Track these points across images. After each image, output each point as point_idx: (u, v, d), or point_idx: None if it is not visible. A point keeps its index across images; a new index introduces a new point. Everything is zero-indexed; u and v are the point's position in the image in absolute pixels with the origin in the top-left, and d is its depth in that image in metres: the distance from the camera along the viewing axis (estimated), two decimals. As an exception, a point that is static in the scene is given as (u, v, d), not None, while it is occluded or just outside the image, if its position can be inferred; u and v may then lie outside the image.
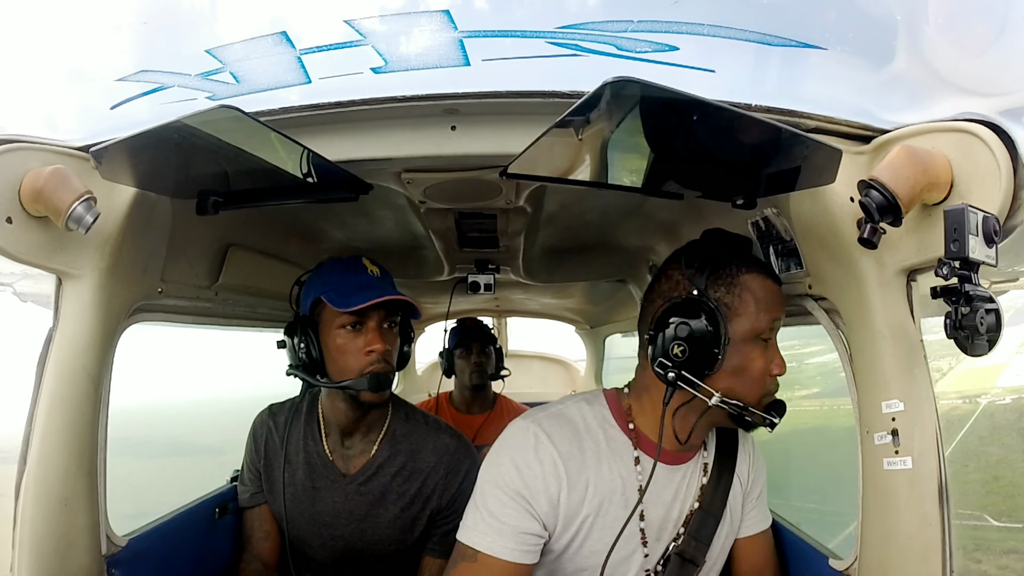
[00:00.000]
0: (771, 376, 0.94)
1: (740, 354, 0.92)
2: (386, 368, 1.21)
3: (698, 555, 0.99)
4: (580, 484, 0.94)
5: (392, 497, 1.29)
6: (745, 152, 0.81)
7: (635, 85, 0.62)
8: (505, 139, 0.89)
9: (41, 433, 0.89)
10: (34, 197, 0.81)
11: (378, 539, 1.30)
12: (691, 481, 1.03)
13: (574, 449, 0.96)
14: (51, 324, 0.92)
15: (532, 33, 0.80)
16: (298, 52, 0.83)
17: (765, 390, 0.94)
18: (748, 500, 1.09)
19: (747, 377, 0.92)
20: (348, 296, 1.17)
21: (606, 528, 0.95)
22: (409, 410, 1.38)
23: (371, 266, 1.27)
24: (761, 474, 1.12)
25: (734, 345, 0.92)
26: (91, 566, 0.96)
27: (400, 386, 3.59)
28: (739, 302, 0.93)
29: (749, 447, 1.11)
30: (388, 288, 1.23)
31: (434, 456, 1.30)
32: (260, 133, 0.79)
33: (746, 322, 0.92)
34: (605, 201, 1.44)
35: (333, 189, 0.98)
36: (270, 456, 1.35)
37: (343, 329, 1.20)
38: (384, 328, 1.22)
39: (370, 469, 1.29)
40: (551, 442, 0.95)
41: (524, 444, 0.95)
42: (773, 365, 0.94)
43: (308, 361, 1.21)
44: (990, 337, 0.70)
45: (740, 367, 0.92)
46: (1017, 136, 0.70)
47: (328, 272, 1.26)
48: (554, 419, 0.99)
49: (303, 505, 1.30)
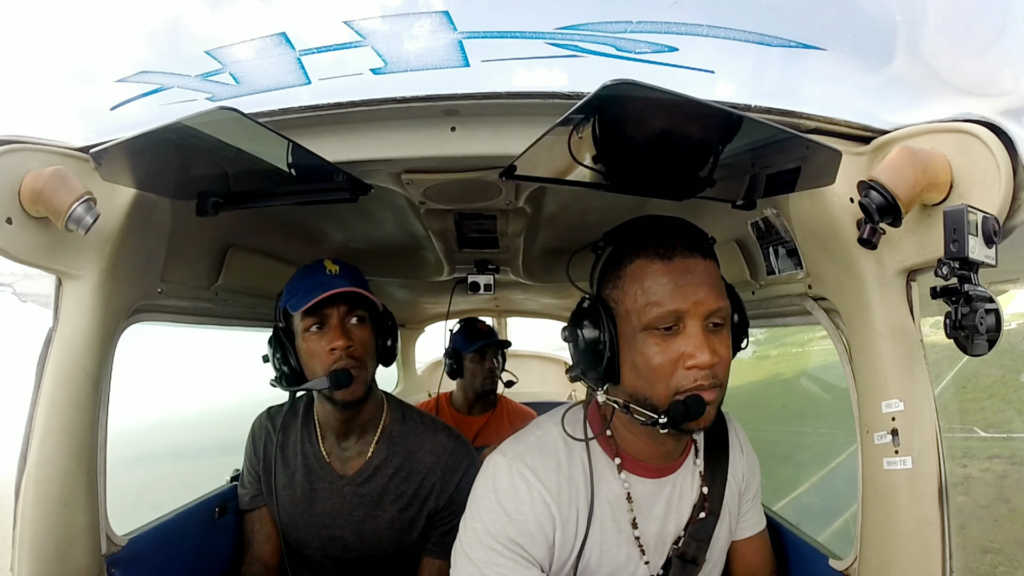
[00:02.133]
0: (686, 368, 0.83)
1: (633, 350, 0.86)
2: (350, 364, 1.18)
3: (699, 555, 0.98)
4: (572, 518, 0.91)
5: (390, 498, 1.29)
6: (745, 153, 0.81)
7: (635, 87, 0.62)
8: (505, 140, 0.89)
9: (41, 433, 0.89)
10: (34, 198, 0.81)
11: (377, 540, 1.30)
12: (683, 491, 0.99)
13: (562, 481, 0.91)
14: (51, 324, 0.92)
15: (531, 34, 0.80)
16: (298, 53, 0.83)
17: (675, 385, 0.83)
18: (744, 501, 1.07)
19: (646, 373, 0.85)
20: (304, 297, 1.18)
21: (604, 555, 0.94)
22: (406, 410, 1.38)
23: (331, 266, 1.25)
24: (755, 473, 1.10)
25: (626, 341, 0.87)
26: (91, 566, 0.96)
27: (400, 386, 3.59)
28: (623, 295, 0.87)
29: (740, 443, 1.08)
30: (339, 281, 1.20)
31: (431, 456, 1.30)
32: (260, 134, 0.79)
33: (632, 316, 0.85)
34: (605, 202, 1.44)
35: (333, 190, 0.98)
36: (269, 459, 1.35)
37: (308, 332, 1.19)
38: (350, 324, 1.21)
39: (367, 470, 1.29)
40: (538, 479, 0.90)
41: (510, 485, 0.90)
42: (684, 358, 0.83)
43: (287, 370, 1.23)
44: (990, 337, 0.70)
45: (636, 364, 0.86)
46: (1016, 136, 0.70)
47: (292, 281, 1.25)
48: (537, 451, 0.94)
49: (302, 507, 1.31)
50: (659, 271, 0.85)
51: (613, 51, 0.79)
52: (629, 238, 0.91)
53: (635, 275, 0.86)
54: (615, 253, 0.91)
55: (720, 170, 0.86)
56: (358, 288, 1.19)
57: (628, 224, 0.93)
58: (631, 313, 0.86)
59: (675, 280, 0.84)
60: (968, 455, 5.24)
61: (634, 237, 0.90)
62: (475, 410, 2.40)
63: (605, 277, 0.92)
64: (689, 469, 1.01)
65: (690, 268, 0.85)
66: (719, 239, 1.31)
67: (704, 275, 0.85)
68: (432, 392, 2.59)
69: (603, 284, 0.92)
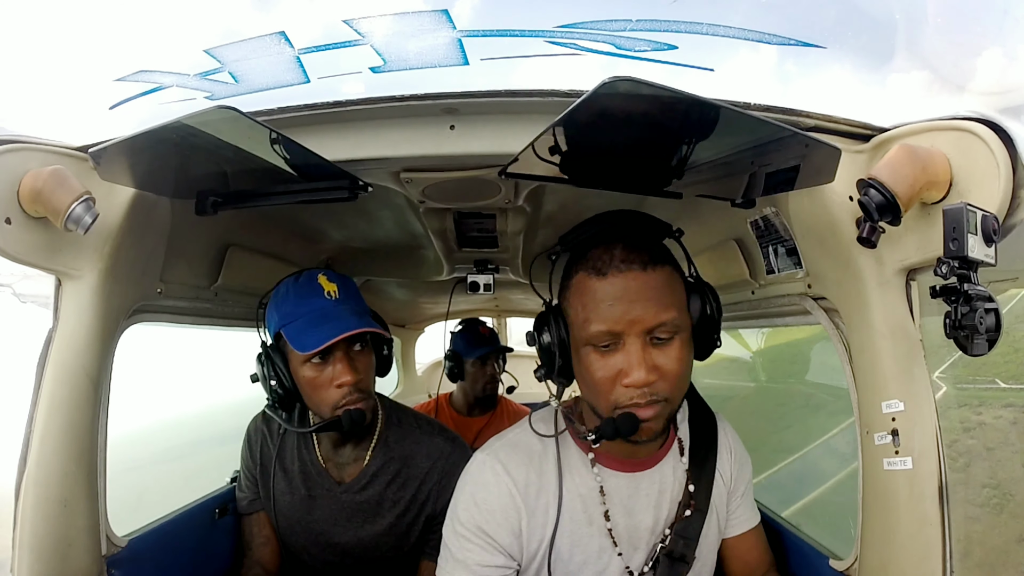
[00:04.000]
0: (624, 386, 0.82)
1: (579, 361, 0.88)
2: (360, 398, 1.14)
3: (687, 552, 0.98)
4: (540, 510, 0.94)
5: (387, 505, 1.28)
6: (744, 151, 0.81)
7: (634, 84, 0.62)
8: (504, 138, 0.89)
9: (41, 434, 0.89)
10: (33, 198, 0.81)
11: (375, 546, 1.29)
12: (664, 487, 0.99)
13: (532, 475, 0.95)
14: (50, 325, 0.92)
15: (531, 32, 0.80)
16: (297, 52, 0.83)
17: (614, 400, 0.84)
18: (733, 498, 1.07)
19: (589, 386, 0.87)
20: (306, 332, 1.10)
21: (576, 546, 0.96)
22: (401, 414, 1.36)
23: (328, 285, 1.16)
24: (745, 470, 1.09)
25: (575, 350, 0.88)
26: (91, 566, 0.96)
27: (400, 387, 3.59)
28: (569, 307, 0.89)
29: (729, 443, 1.07)
30: (347, 317, 1.13)
31: (428, 461, 1.29)
32: (259, 133, 0.79)
33: (576, 329, 0.87)
34: (604, 200, 1.44)
35: (332, 189, 0.98)
36: (265, 464, 1.33)
37: (309, 362, 1.12)
38: (354, 353, 1.15)
39: (364, 478, 1.28)
40: (507, 472, 0.94)
41: (481, 479, 0.95)
42: (621, 376, 0.82)
43: (283, 394, 1.17)
44: (989, 336, 0.70)
45: (582, 374, 0.88)
46: (1016, 135, 0.70)
47: (284, 299, 1.17)
48: (511, 447, 0.98)
49: (299, 513, 1.30)
50: (594, 289, 0.84)
51: (613, 49, 0.79)
52: (578, 245, 0.91)
53: (576, 289, 0.87)
54: (570, 259, 0.92)
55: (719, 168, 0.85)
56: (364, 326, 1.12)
57: (578, 228, 0.92)
58: (574, 326, 0.88)
59: (609, 298, 0.82)
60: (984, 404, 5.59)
61: (581, 245, 0.90)
62: (475, 411, 2.40)
63: (561, 284, 0.93)
64: (671, 465, 1.01)
65: (626, 284, 0.82)
66: (719, 238, 1.33)
67: (642, 289, 0.82)
68: (432, 393, 2.59)
69: (560, 291, 0.93)
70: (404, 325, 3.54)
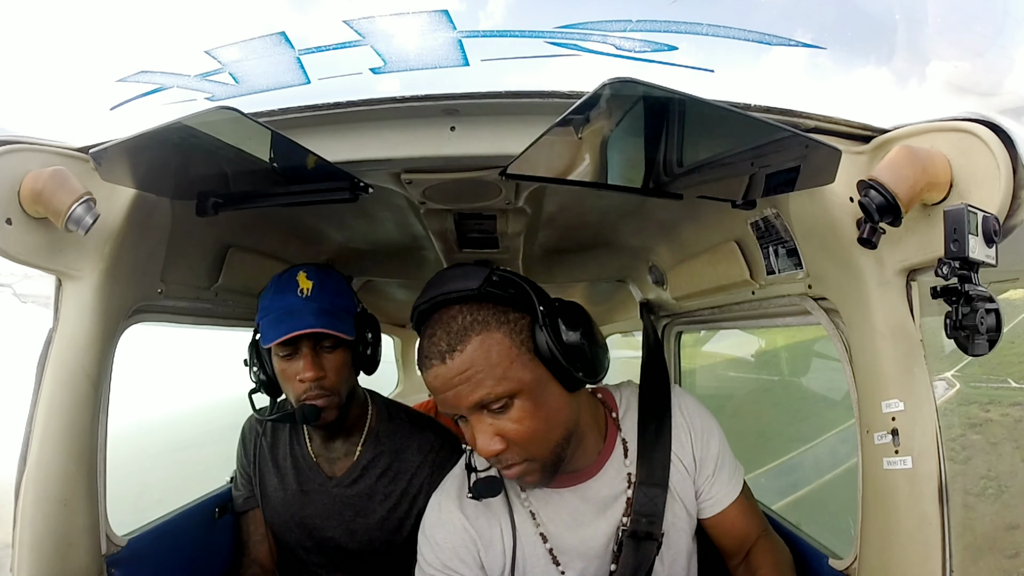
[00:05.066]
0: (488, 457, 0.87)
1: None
2: (320, 396, 1.16)
3: (652, 530, 0.97)
4: (495, 537, 0.97)
5: (379, 498, 1.29)
6: (744, 152, 0.81)
7: (634, 85, 0.62)
8: (505, 139, 0.89)
9: (41, 434, 0.89)
10: (34, 198, 0.81)
11: (368, 539, 1.30)
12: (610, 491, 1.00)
13: (480, 507, 0.98)
14: (51, 325, 0.92)
15: (531, 33, 0.80)
16: (297, 53, 0.83)
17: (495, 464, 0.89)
18: (702, 480, 1.04)
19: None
20: (270, 327, 1.14)
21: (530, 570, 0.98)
22: (392, 409, 1.37)
23: (304, 283, 1.19)
24: (711, 445, 1.04)
25: None
26: (91, 566, 0.96)
27: (400, 386, 3.59)
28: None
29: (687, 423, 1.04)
30: (307, 315, 1.14)
31: (419, 455, 1.30)
32: (259, 134, 0.79)
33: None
34: (605, 201, 1.44)
35: (332, 190, 0.98)
36: (259, 461, 1.36)
37: (279, 356, 1.17)
38: (322, 351, 1.17)
39: (355, 472, 1.29)
40: (459, 508, 0.98)
41: (437, 519, 0.99)
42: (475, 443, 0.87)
43: (264, 381, 1.23)
44: (990, 337, 0.70)
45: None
46: (1016, 135, 0.70)
47: (265, 293, 1.22)
48: (459, 481, 1.02)
49: (293, 508, 1.31)
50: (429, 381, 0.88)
51: (613, 50, 0.79)
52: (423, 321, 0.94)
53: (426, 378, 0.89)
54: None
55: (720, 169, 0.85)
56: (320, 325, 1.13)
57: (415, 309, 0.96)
58: None
59: (438, 390, 0.86)
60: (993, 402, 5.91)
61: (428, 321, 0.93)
62: None
63: None
64: (615, 468, 1.01)
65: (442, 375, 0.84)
66: (719, 239, 1.33)
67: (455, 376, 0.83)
68: None
69: None
70: (404, 325, 3.54)
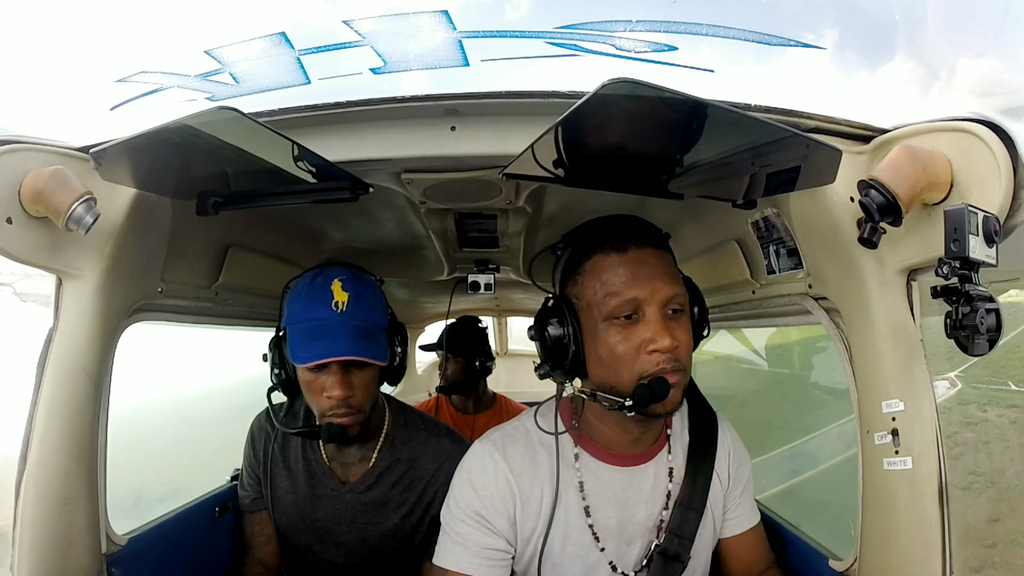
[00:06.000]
0: (648, 353, 0.86)
1: (597, 341, 0.90)
2: (347, 414, 1.13)
3: (682, 551, 0.98)
4: (534, 498, 0.96)
5: (392, 506, 1.27)
6: (745, 152, 0.81)
7: (634, 85, 0.62)
8: (505, 139, 0.89)
9: (41, 433, 0.89)
10: (34, 198, 0.81)
11: (379, 546, 1.28)
12: (657, 482, 1.00)
13: (526, 463, 0.97)
14: (51, 324, 0.92)
15: (531, 33, 0.80)
16: (297, 53, 0.83)
17: (639, 370, 0.87)
18: (731, 498, 1.07)
19: (610, 362, 0.89)
20: (301, 343, 1.10)
21: (568, 538, 0.96)
22: (408, 415, 1.36)
23: (339, 294, 1.13)
24: (744, 470, 1.09)
25: (589, 334, 0.91)
26: (91, 565, 0.96)
27: (400, 386, 3.59)
28: (583, 290, 0.92)
29: (728, 444, 1.08)
30: (343, 338, 1.10)
31: (435, 463, 1.28)
32: (260, 134, 0.79)
33: (594, 309, 0.90)
34: (605, 201, 1.44)
35: (332, 190, 0.98)
36: (268, 462, 1.33)
37: (306, 368, 1.12)
38: (352, 367, 1.13)
39: (370, 478, 1.27)
40: (504, 459, 0.97)
41: (479, 465, 0.98)
42: (646, 343, 0.86)
43: (284, 382, 1.21)
44: (990, 337, 0.70)
45: (600, 355, 0.90)
46: (1017, 135, 0.70)
47: (296, 297, 1.17)
48: (509, 436, 1.01)
49: (303, 511, 1.29)
50: (615, 263, 0.89)
51: (613, 50, 0.79)
52: (586, 237, 0.95)
53: (593, 269, 0.91)
54: (574, 253, 0.96)
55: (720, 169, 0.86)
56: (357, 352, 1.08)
57: (584, 225, 0.98)
58: (592, 306, 0.90)
59: (631, 270, 0.88)
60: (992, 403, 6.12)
61: (590, 236, 0.95)
62: (471, 408, 2.42)
63: (566, 276, 0.96)
64: (664, 462, 1.02)
65: (644, 259, 0.89)
66: (719, 239, 1.33)
67: (659, 264, 0.90)
68: (432, 392, 2.60)
69: (565, 283, 0.97)
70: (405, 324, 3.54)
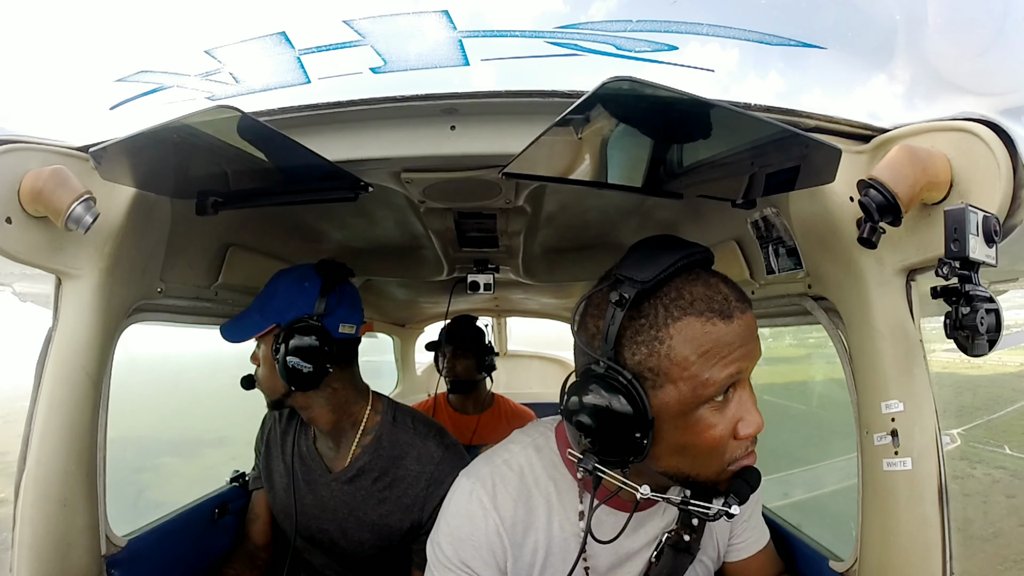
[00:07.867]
0: (736, 439, 0.73)
1: (679, 429, 0.73)
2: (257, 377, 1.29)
3: (692, 544, 0.94)
4: (528, 547, 0.89)
5: (372, 502, 1.28)
6: (744, 151, 0.81)
7: (634, 85, 0.62)
8: (504, 139, 0.89)
9: (40, 433, 0.89)
10: (33, 197, 0.81)
11: (358, 540, 1.30)
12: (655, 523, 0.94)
13: (520, 512, 0.88)
14: (50, 324, 0.92)
15: (531, 33, 0.80)
16: (297, 52, 0.83)
17: (728, 459, 0.74)
18: (738, 525, 1.04)
19: (695, 453, 0.74)
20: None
21: None
22: (399, 413, 1.35)
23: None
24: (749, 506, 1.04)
25: (668, 417, 0.73)
26: (90, 566, 0.96)
27: (399, 387, 3.59)
28: (669, 364, 0.71)
29: None
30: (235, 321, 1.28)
31: (417, 465, 1.27)
32: (259, 133, 0.79)
33: (685, 388, 0.71)
34: (605, 201, 1.44)
35: (332, 189, 0.98)
36: (270, 445, 1.42)
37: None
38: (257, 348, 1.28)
39: (351, 470, 1.29)
40: (494, 507, 0.87)
41: (466, 511, 0.88)
42: (740, 426, 0.73)
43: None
44: (990, 337, 0.70)
45: (683, 444, 0.74)
46: (1017, 135, 0.70)
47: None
48: (500, 475, 0.90)
49: (293, 496, 1.34)
50: (719, 334, 0.71)
51: (613, 50, 0.79)
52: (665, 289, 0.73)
53: (688, 338, 0.71)
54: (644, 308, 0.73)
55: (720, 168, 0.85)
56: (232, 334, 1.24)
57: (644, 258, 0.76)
58: (679, 382, 0.71)
59: (737, 343, 0.72)
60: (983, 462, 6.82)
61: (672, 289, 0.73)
62: (469, 408, 2.42)
63: (630, 337, 0.73)
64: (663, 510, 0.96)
65: (748, 325, 0.73)
66: (719, 239, 1.33)
67: (754, 328, 0.75)
68: (431, 392, 2.60)
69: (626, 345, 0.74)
70: (404, 324, 3.54)
